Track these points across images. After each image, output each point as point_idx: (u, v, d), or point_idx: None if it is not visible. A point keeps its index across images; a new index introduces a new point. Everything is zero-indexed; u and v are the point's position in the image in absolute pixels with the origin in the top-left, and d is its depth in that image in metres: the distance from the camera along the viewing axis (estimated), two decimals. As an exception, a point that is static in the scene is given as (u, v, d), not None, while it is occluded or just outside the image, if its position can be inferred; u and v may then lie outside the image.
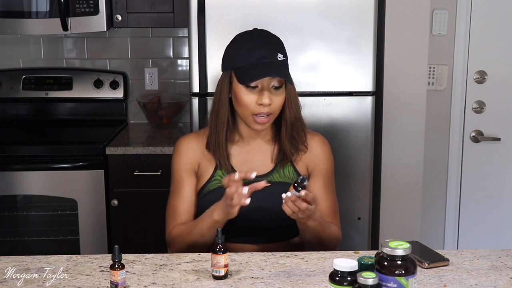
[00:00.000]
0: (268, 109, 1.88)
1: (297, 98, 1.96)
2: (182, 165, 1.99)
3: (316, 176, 2.00)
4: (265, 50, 1.88)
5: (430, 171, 3.31)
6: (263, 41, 1.92)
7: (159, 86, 3.54)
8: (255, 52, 1.87)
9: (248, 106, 1.88)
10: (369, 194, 2.75)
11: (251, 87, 1.88)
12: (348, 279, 1.37)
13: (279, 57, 1.88)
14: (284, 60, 1.90)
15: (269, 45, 1.90)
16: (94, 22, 3.03)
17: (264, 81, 1.87)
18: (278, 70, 1.86)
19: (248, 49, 1.89)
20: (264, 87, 1.87)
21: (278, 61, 1.87)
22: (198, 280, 1.62)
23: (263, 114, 1.88)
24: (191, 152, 1.99)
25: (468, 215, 3.47)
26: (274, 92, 1.89)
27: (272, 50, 1.88)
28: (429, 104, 3.03)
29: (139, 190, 2.98)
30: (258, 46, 1.89)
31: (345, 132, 2.67)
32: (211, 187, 1.95)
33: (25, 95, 3.45)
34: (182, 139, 2.04)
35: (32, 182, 2.99)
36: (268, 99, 1.86)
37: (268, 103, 1.86)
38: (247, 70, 1.87)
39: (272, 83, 1.88)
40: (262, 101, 1.86)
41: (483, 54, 3.32)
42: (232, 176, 1.75)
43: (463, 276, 1.65)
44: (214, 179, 1.96)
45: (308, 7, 2.58)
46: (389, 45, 2.76)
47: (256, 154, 1.99)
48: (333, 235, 1.94)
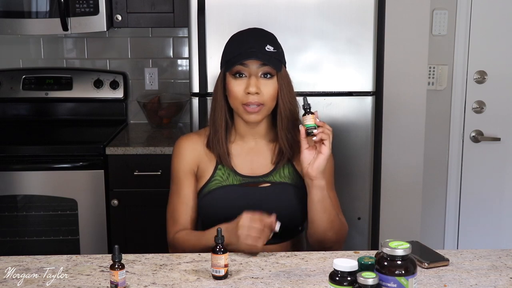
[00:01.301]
0: (258, 98, 1.87)
1: (292, 90, 1.95)
2: (181, 166, 1.99)
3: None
4: (253, 41, 1.89)
5: (430, 171, 3.31)
6: (253, 35, 1.93)
7: (159, 86, 3.54)
8: (242, 44, 1.89)
9: (237, 96, 1.88)
10: (369, 194, 2.75)
11: (239, 75, 1.88)
12: (348, 279, 1.37)
13: (268, 48, 1.88)
14: (274, 52, 1.89)
15: (258, 38, 1.91)
16: (94, 22, 3.03)
17: (251, 69, 1.87)
18: (262, 57, 1.86)
19: (237, 43, 1.91)
20: (252, 74, 1.88)
21: (265, 51, 1.87)
22: (198, 280, 1.62)
23: (252, 103, 1.87)
24: (190, 153, 1.99)
25: (468, 215, 3.47)
26: (263, 81, 1.88)
27: (260, 42, 1.89)
28: (429, 104, 3.03)
29: (139, 190, 2.98)
30: (247, 39, 1.91)
31: (345, 132, 2.67)
32: (211, 187, 1.95)
33: (25, 95, 3.45)
34: (181, 140, 2.04)
35: (32, 182, 2.99)
36: (254, 87, 1.86)
37: (255, 91, 1.86)
38: (233, 59, 1.88)
39: (260, 71, 1.88)
40: (248, 89, 1.86)
41: (483, 54, 3.32)
42: (271, 224, 1.75)
43: (463, 276, 1.65)
44: (214, 179, 1.95)
45: (308, 7, 2.58)
46: (389, 45, 2.76)
47: (257, 154, 1.99)
48: (341, 220, 1.95)
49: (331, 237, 1.91)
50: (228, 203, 1.93)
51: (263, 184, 1.95)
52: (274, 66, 1.88)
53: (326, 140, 1.80)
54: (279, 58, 1.91)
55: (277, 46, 1.93)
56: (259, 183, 1.95)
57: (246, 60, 1.86)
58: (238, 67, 1.88)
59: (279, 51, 1.92)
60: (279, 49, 1.93)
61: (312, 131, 1.80)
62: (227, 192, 1.94)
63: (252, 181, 1.95)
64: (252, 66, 1.87)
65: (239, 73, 1.89)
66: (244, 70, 1.88)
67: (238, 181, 1.95)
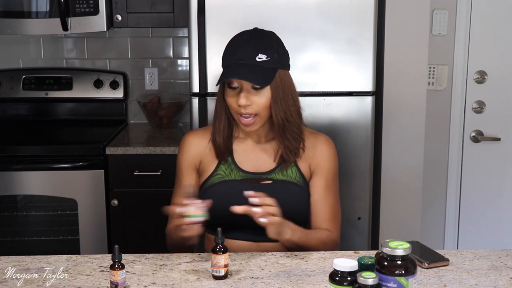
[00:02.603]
0: (250, 109, 1.87)
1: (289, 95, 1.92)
2: (183, 159, 2.02)
3: (318, 175, 1.98)
4: (245, 51, 1.87)
5: (430, 171, 3.31)
6: (249, 40, 1.90)
7: (159, 86, 3.54)
8: (235, 53, 1.88)
9: (231, 106, 1.90)
10: (369, 194, 2.75)
11: (232, 88, 1.89)
12: (348, 279, 1.37)
13: (259, 57, 1.86)
14: (267, 61, 1.86)
15: (251, 46, 1.88)
16: (94, 22, 3.03)
17: (243, 82, 1.87)
18: (248, 72, 1.84)
19: (232, 49, 1.91)
20: (243, 88, 1.87)
21: (256, 62, 1.85)
22: (198, 280, 1.62)
23: (245, 114, 1.88)
24: (193, 148, 2.01)
25: (468, 215, 3.47)
26: (254, 92, 1.87)
27: (253, 52, 1.86)
28: (429, 104, 3.03)
29: (139, 190, 2.98)
30: (239, 46, 1.89)
31: (345, 132, 2.67)
32: (213, 181, 1.96)
33: (25, 95, 3.45)
34: (186, 135, 2.07)
35: (32, 182, 2.99)
36: (244, 99, 1.86)
37: (244, 103, 1.86)
38: (225, 71, 1.89)
39: (250, 84, 1.87)
40: (239, 102, 1.86)
41: (483, 54, 3.32)
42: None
43: (463, 276, 1.65)
44: (217, 173, 1.96)
45: (308, 7, 2.58)
46: (389, 45, 2.76)
47: (260, 151, 1.99)
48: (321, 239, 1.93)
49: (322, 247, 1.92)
50: (229, 198, 1.92)
51: (265, 181, 1.95)
52: (261, 82, 1.86)
53: (266, 217, 1.73)
54: (273, 65, 1.88)
55: (273, 51, 1.89)
56: (261, 179, 1.95)
57: (230, 79, 1.87)
58: (230, 79, 1.88)
59: (273, 58, 1.88)
60: (274, 54, 1.89)
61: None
62: (228, 187, 1.95)
63: (254, 177, 1.95)
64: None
65: (231, 84, 1.89)
66: (236, 81, 1.88)
67: (240, 176, 1.96)
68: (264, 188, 1.92)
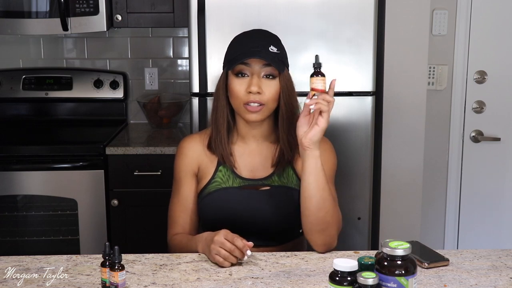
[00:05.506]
0: (259, 98, 1.86)
1: (294, 93, 1.94)
2: (182, 166, 1.99)
3: None
4: (257, 40, 1.88)
5: (430, 171, 3.31)
6: (257, 35, 1.93)
7: (159, 86, 3.54)
8: (248, 42, 1.89)
9: (238, 95, 1.87)
10: (369, 194, 2.75)
11: (241, 74, 1.87)
12: (348, 279, 1.37)
13: (271, 48, 1.87)
14: (278, 53, 1.88)
15: (262, 38, 1.90)
16: (94, 22, 3.03)
17: (254, 69, 1.86)
18: (265, 56, 1.85)
19: (241, 42, 1.91)
20: (254, 74, 1.87)
21: (269, 51, 1.86)
22: (198, 280, 1.62)
23: (253, 102, 1.86)
24: (191, 154, 1.99)
25: (468, 215, 3.47)
26: (265, 81, 1.87)
27: (264, 42, 1.88)
28: (429, 104, 3.03)
29: (139, 190, 2.98)
30: (250, 39, 1.90)
31: (345, 132, 2.67)
32: (211, 189, 1.94)
33: (25, 95, 3.45)
34: (184, 140, 2.04)
35: (32, 182, 2.99)
36: (256, 86, 1.85)
37: (256, 90, 1.85)
38: (236, 57, 1.87)
39: (263, 72, 1.87)
40: (250, 89, 1.85)
41: (483, 54, 3.32)
42: (242, 248, 1.69)
43: (463, 276, 1.65)
44: (214, 180, 1.95)
45: (308, 7, 2.58)
46: (389, 45, 2.76)
47: (258, 156, 1.98)
48: (335, 204, 1.87)
49: (323, 219, 1.81)
50: (227, 206, 1.92)
51: (263, 187, 1.94)
52: (277, 67, 1.86)
53: (324, 112, 1.75)
54: (282, 59, 1.90)
55: (281, 47, 1.92)
56: (258, 186, 1.94)
57: (249, 59, 1.85)
58: (241, 66, 1.87)
59: (282, 53, 1.91)
60: (282, 51, 1.92)
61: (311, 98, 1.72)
62: (226, 194, 1.93)
63: (252, 184, 1.95)
64: (254, 65, 1.87)
65: (241, 72, 1.88)
66: (247, 69, 1.87)
67: (238, 183, 1.94)
68: (262, 194, 1.91)
